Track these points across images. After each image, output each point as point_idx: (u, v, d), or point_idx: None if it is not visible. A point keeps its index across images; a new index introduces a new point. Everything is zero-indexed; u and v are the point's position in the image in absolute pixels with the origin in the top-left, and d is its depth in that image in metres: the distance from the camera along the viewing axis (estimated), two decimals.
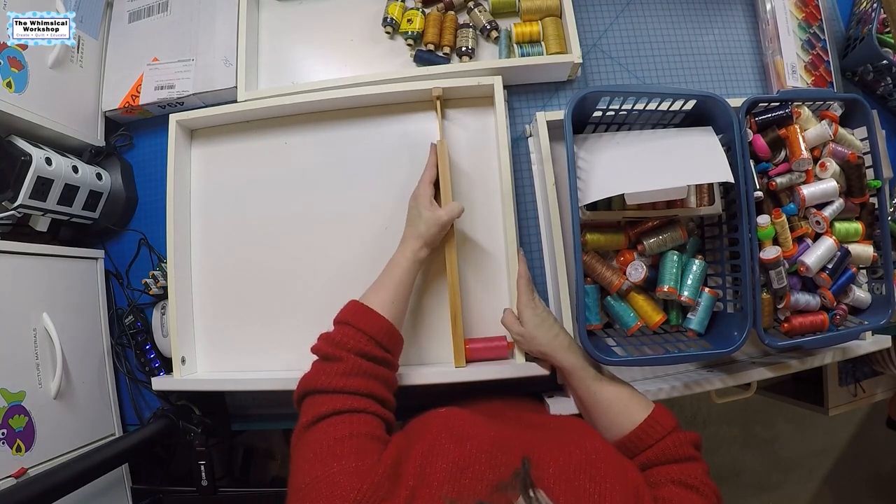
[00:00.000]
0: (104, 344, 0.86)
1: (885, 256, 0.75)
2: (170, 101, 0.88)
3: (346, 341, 0.53)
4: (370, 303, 0.59)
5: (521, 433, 0.50)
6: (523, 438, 0.48)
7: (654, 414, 0.56)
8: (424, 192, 0.70)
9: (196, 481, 0.78)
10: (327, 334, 0.56)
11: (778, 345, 0.71)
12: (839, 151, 0.75)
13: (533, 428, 0.55)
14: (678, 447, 0.53)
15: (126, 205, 0.91)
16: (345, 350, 0.52)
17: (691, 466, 0.52)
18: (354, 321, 0.55)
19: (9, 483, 0.65)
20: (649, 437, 0.54)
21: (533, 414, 0.66)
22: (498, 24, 0.88)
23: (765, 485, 1.89)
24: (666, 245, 0.72)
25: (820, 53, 0.89)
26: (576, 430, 0.53)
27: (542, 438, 0.49)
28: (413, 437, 0.46)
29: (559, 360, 0.63)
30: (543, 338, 0.63)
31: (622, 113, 0.71)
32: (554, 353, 0.63)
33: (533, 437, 0.49)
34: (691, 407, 1.85)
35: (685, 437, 0.55)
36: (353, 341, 0.52)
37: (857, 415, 1.89)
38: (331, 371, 0.51)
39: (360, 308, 0.58)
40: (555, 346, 0.63)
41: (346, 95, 0.79)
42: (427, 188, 0.71)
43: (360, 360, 0.51)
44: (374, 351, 0.53)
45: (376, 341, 0.54)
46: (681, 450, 0.53)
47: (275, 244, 0.83)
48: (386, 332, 0.56)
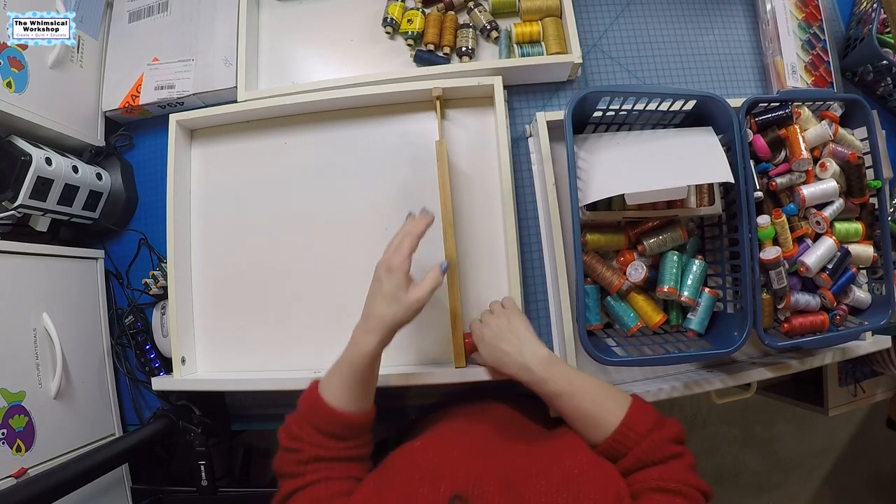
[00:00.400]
0: (104, 344, 0.86)
1: (885, 256, 0.75)
2: (170, 101, 0.88)
3: (302, 435, 0.53)
4: (328, 393, 0.55)
5: (502, 457, 0.50)
6: (503, 463, 0.48)
7: (627, 420, 0.53)
8: (402, 266, 0.57)
9: (196, 481, 0.78)
10: (287, 423, 0.56)
11: (778, 345, 0.70)
12: (839, 152, 0.75)
13: (523, 442, 0.54)
14: (655, 450, 0.51)
15: (126, 205, 0.91)
16: (301, 442, 0.53)
17: (671, 467, 0.50)
18: (309, 416, 0.54)
19: (9, 483, 0.65)
20: (623, 445, 0.52)
21: (526, 426, 0.63)
22: (498, 24, 0.88)
23: (765, 485, 1.89)
24: (666, 245, 0.72)
25: (820, 54, 0.89)
26: (561, 444, 0.53)
27: (525, 459, 0.49)
28: (384, 484, 0.48)
29: (515, 377, 0.61)
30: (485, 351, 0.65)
31: (622, 113, 0.71)
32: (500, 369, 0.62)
33: (514, 461, 0.49)
34: (691, 407, 1.85)
35: (663, 436, 0.52)
36: (307, 436, 0.53)
37: (857, 415, 1.89)
38: (290, 460, 0.53)
39: (315, 402, 0.55)
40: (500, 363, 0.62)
41: (346, 95, 0.79)
42: (406, 260, 0.58)
43: (316, 450, 0.53)
44: (328, 443, 0.53)
45: (334, 434, 0.53)
46: (658, 451, 0.51)
47: (275, 244, 0.83)
48: (344, 425, 0.54)
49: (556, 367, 0.59)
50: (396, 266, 0.57)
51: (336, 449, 0.53)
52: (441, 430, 0.60)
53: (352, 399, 0.55)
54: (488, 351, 0.64)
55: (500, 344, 0.62)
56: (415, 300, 0.56)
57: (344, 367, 0.56)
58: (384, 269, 0.57)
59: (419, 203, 0.80)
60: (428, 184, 0.79)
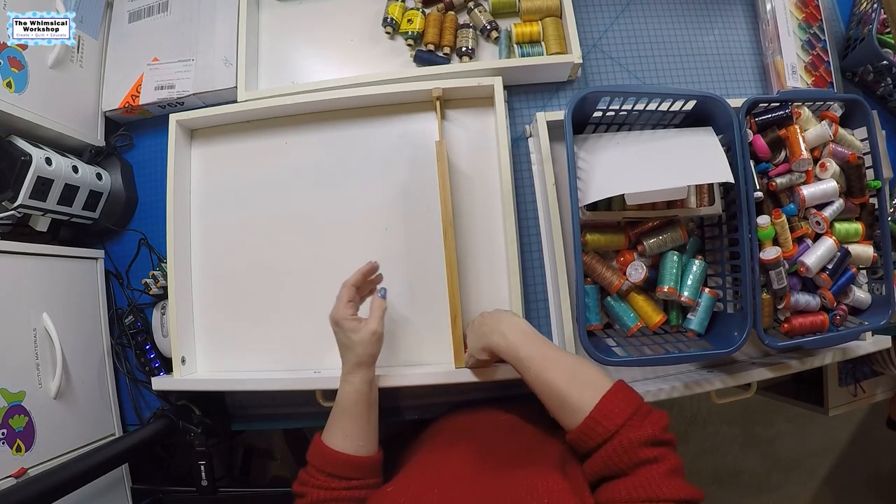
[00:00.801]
0: (104, 344, 0.86)
1: (885, 257, 0.75)
2: (170, 101, 0.88)
3: (307, 479, 0.57)
4: (328, 437, 0.59)
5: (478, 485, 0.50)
6: (478, 493, 0.48)
7: (600, 406, 0.47)
8: (344, 313, 0.62)
9: (196, 481, 0.78)
10: (298, 474, 0.60)
11: (778, 345, 0.71)
12: (839, 152, 0.75)
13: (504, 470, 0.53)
14: (623, 453, 0.44)
15: (126, 205, 0.91)
16: (307, 486, 0.57)
17: (642, 477, 0.43)
18: (314, 460, 0.58)
19: (9, 483, 0.65)
20: (589, 438, 0.47)
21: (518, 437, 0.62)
22: (498, 25, 0.88)
23: (765, 485, 1.90)
24: (666, 245, 0.72)
25: (820, 54, 0.89)
26: (539, 465, 0.51)
27: (500, 484, 0.49)
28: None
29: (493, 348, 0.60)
30: (471, 337, 0.66)
31: (622, 113, 0.71)
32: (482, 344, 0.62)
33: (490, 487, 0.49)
34: (691, 407, 1.85)
35: (634, 437, 0.45)
36: (312, 479, 0.57)
37: (857, 415, 1.89)
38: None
39: (318, 447, 0.59)
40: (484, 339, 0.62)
41: (346, 95, 0.79)
42: (346, 308, 0.62)
43: (318, 492, 0.56)
44: (330, 483, 0.56)
45: (335, 475, 0.57)
46: (626, 456, 0.44)
47: (275, 244, 0.83)
48: (347, 465, 0.57)
49: (533, 337, 0.57)
50: (340, 317, 0.62)
51: (338, 489, 0.56)
52: (419, 463, 0.60)
53: (349, 439, 0.59)
54: (475, 337, 0.65)
55: (483, 325, 0.64)
56: (369, 334, 0.61)
57: (336, 411, 0.61)
58: (332, 323, 0.63)
59: (419, 203, 0.80)
60: (428, 184, 0.79)
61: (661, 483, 0.42)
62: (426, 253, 0.79)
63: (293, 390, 0.80)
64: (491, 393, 0.81)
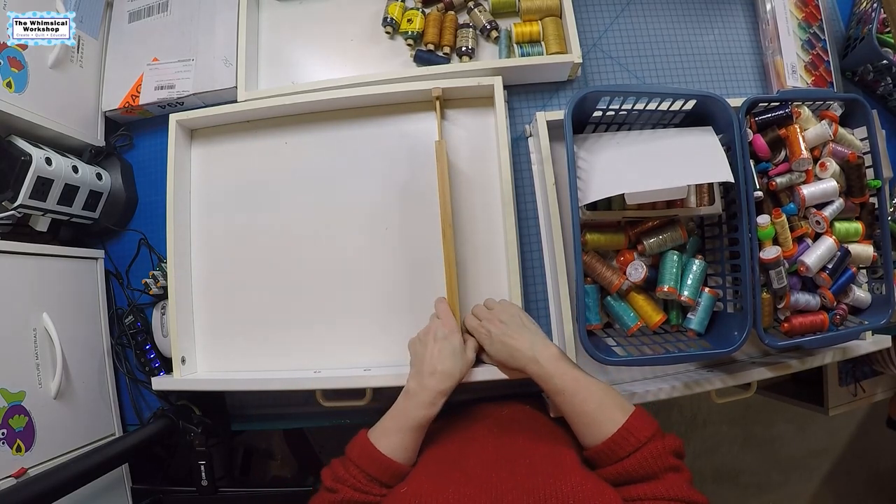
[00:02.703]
0: (104, 344, 0.86)
1: (885, 256, 0.75)
2: (170, 101, 0.88)
3: (346, 477, 0.56)
4: (382, 440, 0.58)
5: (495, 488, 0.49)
6: (492, 496, 0.48)
7: (629, 424, 0.53)
8: (458, 329, 0.67)
9: (196, 481, 0.78)
10: (333, 465, 0.58)
11: (778, 345, 0.70)
12: (839, 151, 0.75)
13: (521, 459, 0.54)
14: (656, 458, 0.50)
15: (126, 205, 0.91)
16: (341, 483, 0.55)
17: (669, 481, 0.49)
18: (359, 460, 0.57)
19: (9, 483, 0.65)
20: (621, 448, 0.52)
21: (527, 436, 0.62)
22: (498, 24, 0.88)
23: (765, 485, 1.89)
24: (666, 245, 0.72)
25: (820, 53, 0.89)
26: (557, 464, 0.52)
27: (518, 485, 0.48)
28: None
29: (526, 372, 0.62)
30: (493, 346, 0.66)
31: (622, 113, 0.71)
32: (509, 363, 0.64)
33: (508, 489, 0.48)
34: (691, 407, 1.85)
35: (664, 446, 0.51)
36: (352, 479, 0.55)
37: (857, 415, 1.89)
38: (326, 499, 0.55)
39: (367, 449, 0.57)
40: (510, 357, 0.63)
41: (346, 95, 0.79)
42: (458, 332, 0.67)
43: (353, 493, 0.55)
44: (371, 487, 0.55)
45: (378, 480, 0.55)
46: (658, 461, 0.50)
47: (275, 244, 0.83)
48: (391, 472, 0.56)
49: (564, 364, 0.60)
50: (456, 328, 0.67)
51: (373, 495, 0.55)
52: (432, 462, 0.59)
53: (404, 450, 0.58)
54: (497, 348, 0.65)
55: (509, 340, 0.64)
56: (471, 360, 0.66)
57: (402, 424, 0.59)
58: (448, 329, 0.66)
59: (419, 203, 0.80)
60: (428, 184, 0.79)
61: (685, 488, 0.48)
62: (426, 253, 0.79)
63: (293, 390, 0.80)
64: (491, 392, 0.81)
